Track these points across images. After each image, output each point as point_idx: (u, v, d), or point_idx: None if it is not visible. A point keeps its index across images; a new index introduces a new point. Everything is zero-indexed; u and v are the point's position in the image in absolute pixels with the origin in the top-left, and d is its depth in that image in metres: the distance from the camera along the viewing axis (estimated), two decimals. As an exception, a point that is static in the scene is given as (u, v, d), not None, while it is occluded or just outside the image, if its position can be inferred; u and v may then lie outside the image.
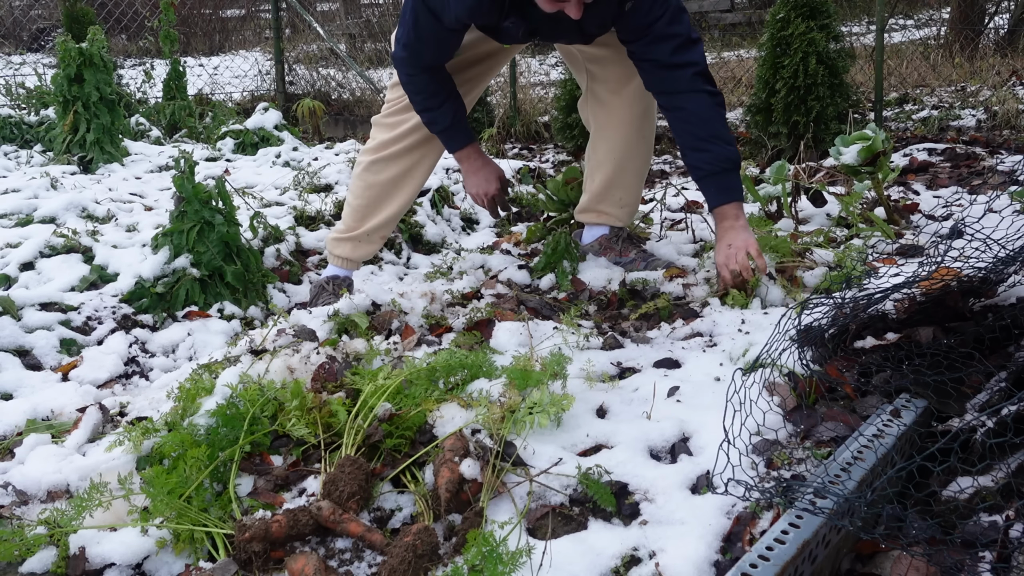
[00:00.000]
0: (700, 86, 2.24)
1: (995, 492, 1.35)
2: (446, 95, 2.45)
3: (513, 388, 1.67)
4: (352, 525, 1.39)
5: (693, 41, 2.24)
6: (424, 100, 2.45)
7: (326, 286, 2.72)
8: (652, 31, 2.20)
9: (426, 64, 2.39)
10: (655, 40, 2.22)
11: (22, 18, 12.26)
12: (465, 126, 2.53)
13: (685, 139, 2.28)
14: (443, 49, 2.38)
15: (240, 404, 1.66)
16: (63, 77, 4.57)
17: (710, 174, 2.26)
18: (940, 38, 7.54)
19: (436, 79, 2.43)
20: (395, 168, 2.62)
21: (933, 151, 4.16)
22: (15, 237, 3.08)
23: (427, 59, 2.38)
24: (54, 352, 2.49)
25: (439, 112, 2.46)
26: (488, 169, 2.61)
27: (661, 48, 2.22)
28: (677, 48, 2.22)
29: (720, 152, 2.23)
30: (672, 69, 2.24)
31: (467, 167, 2.61)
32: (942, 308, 1.77)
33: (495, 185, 2.61)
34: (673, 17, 2.20)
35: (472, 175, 2.62)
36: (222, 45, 12.22)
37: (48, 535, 1.44)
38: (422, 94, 2.44)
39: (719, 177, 2.26)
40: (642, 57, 2.28)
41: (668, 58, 2.23)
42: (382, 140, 2.63)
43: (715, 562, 1.28)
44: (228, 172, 4.54)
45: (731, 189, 2.27)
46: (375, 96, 7.19)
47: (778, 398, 1.64)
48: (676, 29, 2.21)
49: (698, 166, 2.27)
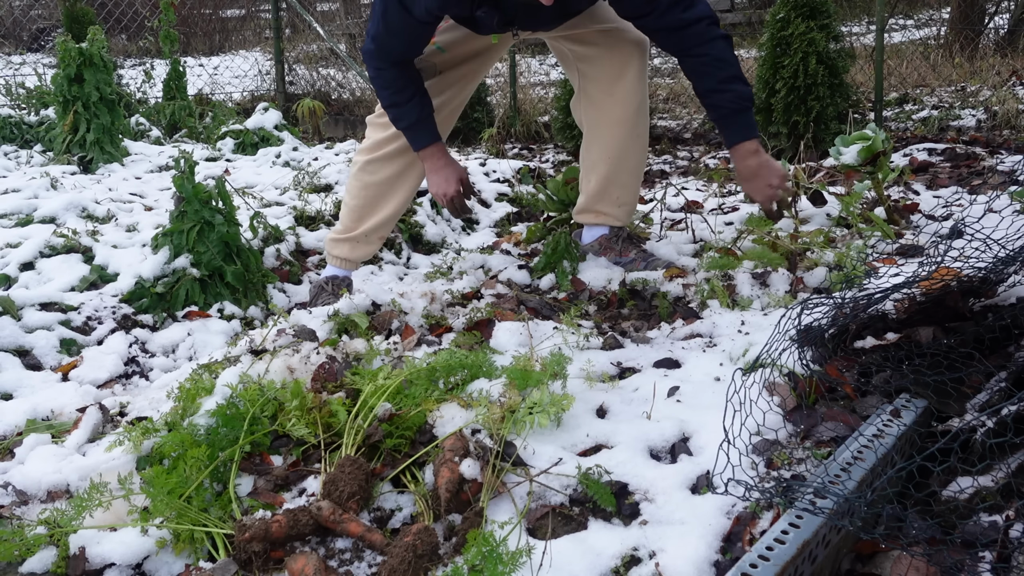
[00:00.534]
0: (715, 33, 2.27)
1: (995, 492, 1.35)
2: (413, 91, 2.43)
3: (513, 388, 1.67)
4: (352, 525, 1.39)
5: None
6: (391, 95, 2.44)
7: (325, 286, 2.72)
8: (657, 4, 2.21)
9: (395, 59, 2.38)
10: (665, 9, 2.23)
11: (22, 18, 12.26)
12: (430, 125, 2.51)
13: (707, 83, 2.32)
14: (413, 43, 2.37)
15: (240, 404, 1.66)
16: (63, 77, 4.57)
17: (733, 112, 2.32)
18: (940, 38, 7.54)
19: (404, 74, 2.42)
20: (391, 168, 2.62)
21: (933, 151, 4.16)
22: (15, 237, 3.08)
23: (396, 53, 2.37)
24: (54, 352, 2.49)
25: (405, 108, 2.45)
26: (449, 169, 2.56)
27: (671, 15, 2.24)
28: (686, 8, 2.24)
29: (741, 91, 2.30)
30: (687, 27, 2.26)
31: (429, 166, 2.57)
32: (942, 308, 1.77)
33: (454, 186, 2.55)
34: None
35: (433, 174, 2.57)
36: (222, 45, 12.22)
37: (48, 535, 1.44)
38: (389, 89, 2.43)
39: (741, 115, 2.33)
40: (655, 27, 2.31)
41: (679, 20, 2.24)
42: (377, 139, 2.63)
43: (715, 562, 1.28)
44: (228, 172, 4.54)
45: (751, 126, 2.35)
46: (375, 96, 7.19)
47: (778, 398, 1.64)
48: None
49: (722, 105, 2.32)
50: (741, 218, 3.17)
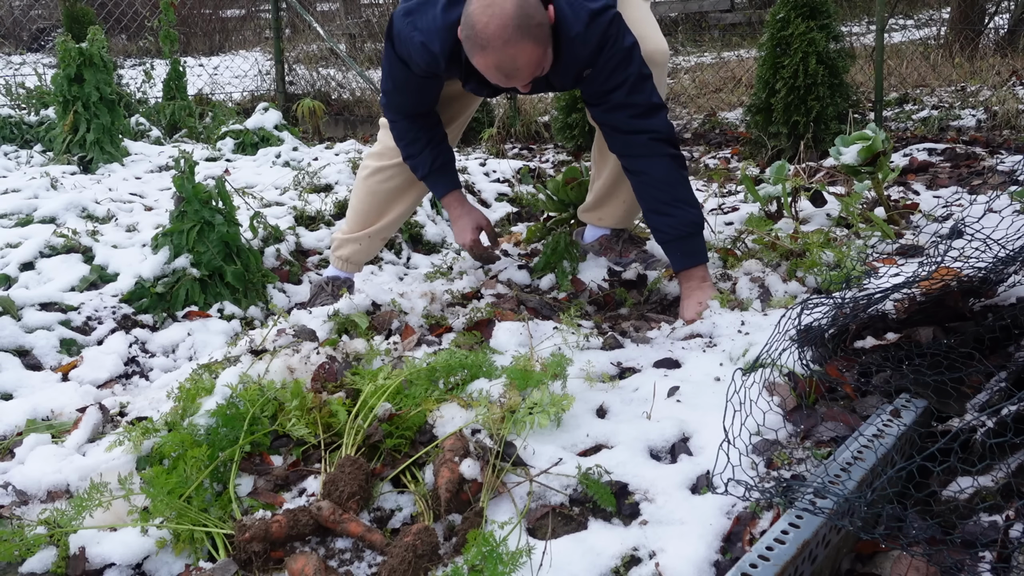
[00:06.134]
0: (661, 151, 2.20)
1: (995, 492, 1.35)
2: (426, 142, 2.43)
3: (513, 388, 1.67)
4: (352, 525, 1.39)
5: (655, 107, 2.19)
6: (405, 146, 2.45)
7: (325, 286, 2.72)
8: (610, 99, 2.17)
9: (407, 111, 2.39)
10: (613, 108, 2.19)
11: (22, 18, 12.26)
12: (447, 174, 2.50)
13: (648, 202, 2.26)
14: (422, 95, 2.35)
15: (240, 404, 1.66)
16: (63, 77, 4.57)
17: (675, 238, 2.24)
18: (940, 38, 7.54)
19: (416, 125, 2.42)
20: (401, 176, 2.60)
21: (933, 151, 4.16)
22: (15, 237, 3.08)
23: (407, 106, 2.38)
24: (54, 352, 2.49)
25: (419, 159, 2.45)
26: (467, 218, 2.55)
27: (618, 115, 2.20)
28: (635, 116, 2.18)
29: (684, 216, 2.21)
30: (630, 134, 2.21)
31: (450, 214, 2.59)
32: (942, 308, 1.77)
33: (471, 235, 2.54)
34: (633, 87, 2.15)
35: (454, 223, 2.59)
36: (222, 45, 12.22)
37: (48, 535, 1.44)
38: (403, 140, 2.44)
39: (684, 241, 2.24)
40: (601, 121, 2.28)
41: (626, 124, 2.20)
42: (390, 146, 2.59)
43: (715, 562, 1.28)
44: (228, 172, 4.54)
45: (696, 253, 2.26)
46: (375, 96, 7.19)
47: (778, 398, 1.64)
48: (635, 99, 2.17)
49: (662, 229, 2.24)
50: (741, 218, 3.17)
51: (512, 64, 1.93)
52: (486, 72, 1.98)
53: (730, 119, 5.89)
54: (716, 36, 9.75)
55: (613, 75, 2.13)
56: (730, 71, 7.13)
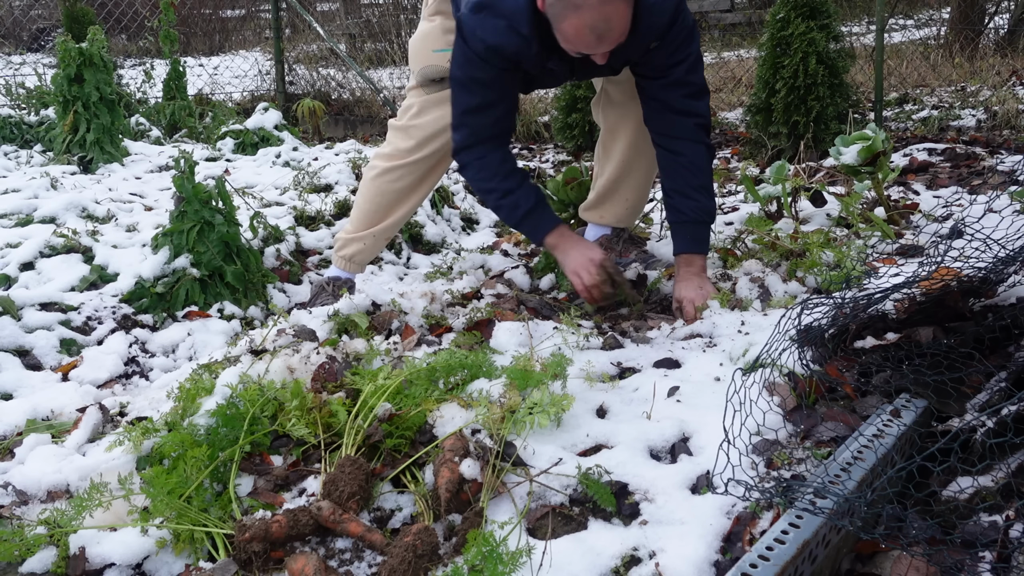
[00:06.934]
0: (701, 137, 2.26)
1: (995, 492, 1.35)
2: (522, 172, 2.29)
3: (513, 388, 1.67)
4: (352, 525, 1.39)
5: (705, 91, 2.25)
6: (502, 182, 2.26)
7: (326, 286, 2.72)
8: (671, 74, 2.20)
9: (494, 130, 2.25)
10: (671, 84, 2.21)
11: (22, 18, 12.26)
12: (547, 204, 2.34)
13: (675, 183, 2.29)
14: (505, 101, 2.23)
15: (240, 404, 1.66)
16: (63, 77, 4.57)
17: (691, 221, 2.29)
18: (940, 38, 7.54)
19: (504, 150, 2.27)
20: (412, 177, 2.58)
21: (933, 151, 4.16)
22: (15, 237, 3.08)
23: (490, 120, 2.23)
24: (54, 352, 2.49)
25: (521, 191, 2.27)
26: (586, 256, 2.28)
27: (674, 92, 2.22)
28: (689, 96, 2.22)
29: (706, 204, 2.27)
30: (679, 115, 2.25)
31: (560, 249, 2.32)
32: (942, 308, 1.77)
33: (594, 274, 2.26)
34: (692, 66, 2.20)
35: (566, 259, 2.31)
36: (222, 45, 12.22)
37: (48, 535, 1.45)
38: (498, 175, 2.26)
39: (697, 227, 2.29)
40: (652, 96, 2.28)
41: (679, 103, 2.23)
42: (400, 148, 2.56)
43: (715, 562, 1.28)
44: (228, 172, 4.54)
45: (703, 241, 2.31)
46: (375, 96, 7.19)
47: (778, 398, 1.64)
48: (692, 78, 2.21)
49: (683, 211, 2.29)
50: (741, 218, 3.17)
51: (606, 24, 1.92)
52: (577, 35, 1.95)
53: (730, 119, 5.89)
54: (716, 36, 9.74)
55: (678, 50, 2.16)
56: (730, 71, 7.12)
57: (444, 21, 2.44)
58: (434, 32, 2.46)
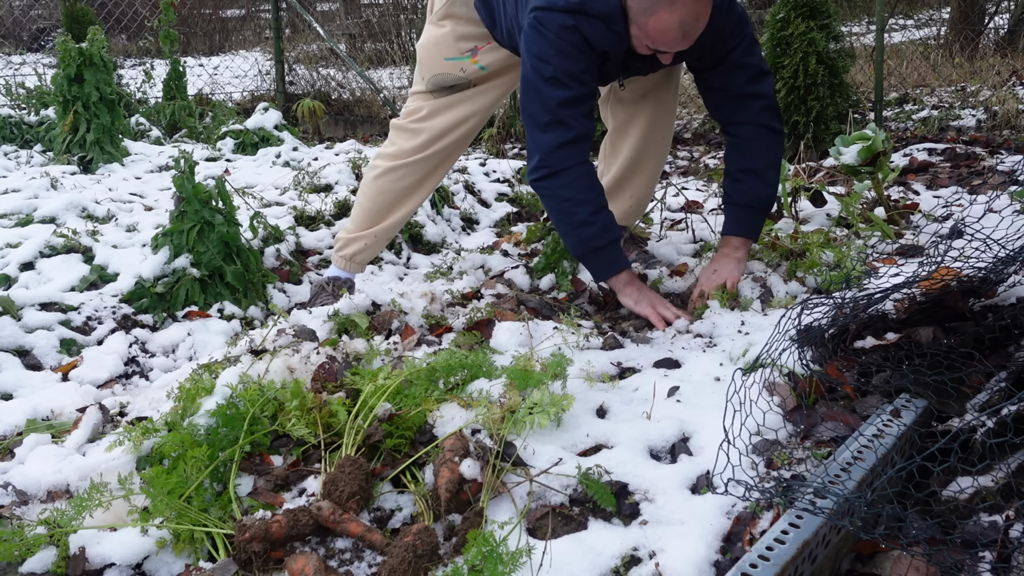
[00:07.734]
0: (767, 120, 2.24)
1: (995, 492, 1.35)
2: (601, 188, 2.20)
3: (513, 388, 1.67)
4: (352, 525, 1.39)
5: (766, 72, 2.24)
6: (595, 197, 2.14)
7: (326, 286, 2.72)
8: (730, 58, 2.19)
9: (578, 131, 2.11)
10: (732, 68, 2.20)
11: (22, 18, 12.26)
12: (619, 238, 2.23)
13: (738, 164, 2.28)
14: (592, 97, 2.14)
15: (240, 404, 1.66)
16: (63, 77, 4.57)
17: (743, 205, 2.28)
18: (940, 38, 7.54)
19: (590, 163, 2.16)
20: (414, 176, 2.57)
21: (933, 151, 4.16)
22: (15, 237, 3.08)
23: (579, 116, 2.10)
24: (54, 352, 2.49)
25: (605, 212, 2.16)
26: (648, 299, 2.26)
27: (736, 77, 2.22)
28: (751, 79, 2.21)
29: (762, 190, 2.27)
30: (743, 99, 2.24)
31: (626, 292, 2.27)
32: (942, 308, 1.77)
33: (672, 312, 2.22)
34: (748, 48, 2.20)
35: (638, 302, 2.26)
36: (222, 45, 12.22)
37: (48, 535, 1.44)
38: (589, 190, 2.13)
39: (750, 211, 2.29)
40: (714, 86, 2.27)
41: (741, 88, 2.22)
42: (403, 148, 2.54)
43: (715, 562, 1.28)
44: (228, 172, 4.54)
45: (752, 226, 2.30)
46: (375, 96, 7.19)
47: (778, 398, 1.64)
48: (751, 60, 2.21)
49: (727, 192, 2.30)
50: (741, 218, 3.16)
51: (695, 20, 1.93)
52: (664, 32, 1.94)
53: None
54: (716, 36, 9.73)
55: (734, 33, 2.16)
56: (730, 71, 7.11)
57: (455, 27, 2.41)
58: (446, 40, 2.43)
